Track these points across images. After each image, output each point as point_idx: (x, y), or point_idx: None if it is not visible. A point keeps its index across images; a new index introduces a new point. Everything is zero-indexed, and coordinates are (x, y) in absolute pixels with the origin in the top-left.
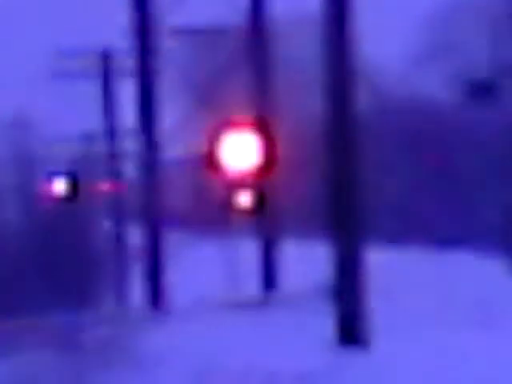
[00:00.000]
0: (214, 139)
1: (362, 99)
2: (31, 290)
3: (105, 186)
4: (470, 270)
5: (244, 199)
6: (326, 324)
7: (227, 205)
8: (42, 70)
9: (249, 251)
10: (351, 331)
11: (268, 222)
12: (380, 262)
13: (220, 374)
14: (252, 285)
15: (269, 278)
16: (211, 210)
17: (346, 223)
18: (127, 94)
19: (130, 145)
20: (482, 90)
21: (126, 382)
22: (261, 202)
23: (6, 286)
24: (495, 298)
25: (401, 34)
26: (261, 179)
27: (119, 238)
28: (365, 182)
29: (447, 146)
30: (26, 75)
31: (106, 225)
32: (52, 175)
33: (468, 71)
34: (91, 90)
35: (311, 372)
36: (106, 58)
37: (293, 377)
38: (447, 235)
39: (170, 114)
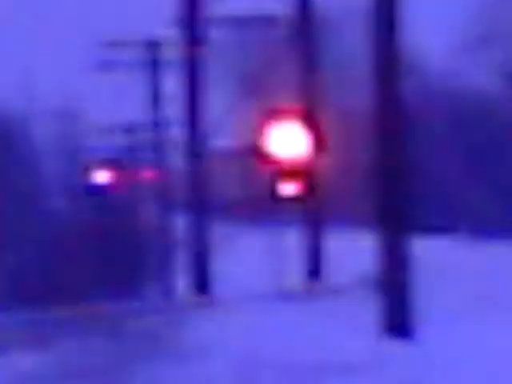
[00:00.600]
0: (262, 129)
1: (411, 88)
2: (82, 278)
3: (149, 175)
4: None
5: (292, 188)
6: (371, 315)
7: (275, 194)
8: (91, 60)
9: (295, 241)
10: (398, 322)
11: (314, 211)
12: (427, 249)
13: (265, 365)
14: (297, 274)
15: (314, 267)
16: (258, 199)
17: (396, 213)
18: (174, 83)
19: (177, 134)
20: None
21: (172, 373)
22: (309, 191)
23: (59, 274)
24: None
25: (449, 24)
26: (308, 169)
27: (165, 227)
28: (414, 170)
29: (494, 135)
30: (75, 65)
31: (153, 213)
32: (96, 164)
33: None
34: (139, 80)
35: (358, 363)
36: (152, 48)
37: (340, 367)
38: (494, 224)
39: (217, 103)
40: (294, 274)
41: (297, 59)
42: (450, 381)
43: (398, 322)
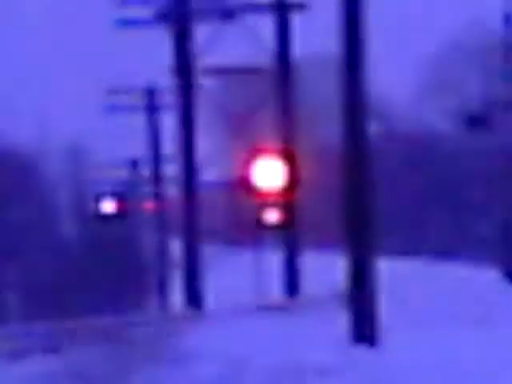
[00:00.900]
0: (246, 165)
1: (373, 128)
2: (87, 295)
3: (149, 205)
4: (469, 277)
5: (273, 216)
6: (342, 325)
7: (258, 221)
8: (95, 104)
9: (276, 261)
10: (364, 332)
11: (292, 236)
12: (390, 271)
13: (249, 369)
14: (277, 291)
15: (292, 285)
16: (243, 227)
17: (361, 236)
18: (169, 125)
19: (172, 169)
20: (477, 122)
21: (166, 375)
22: (288, 218)
23: (66, 291)
24: (493, 300)
25: (406, 71)
26: (287, 199)
27: (162, 250)
28: (376, 201)
29: (447, 169)
30: (83, 109)
31: (151, 239)
32: (102, 195)
33: (465, 105)
34: (138, 122)
35: (330, 366)
36: (150, 94)
37: (314, 371)
38: (448, 248)
39: (206, 143)
40: (275, 289)
41: (277, 105)
42: (407, 380)
43: (365, 331)
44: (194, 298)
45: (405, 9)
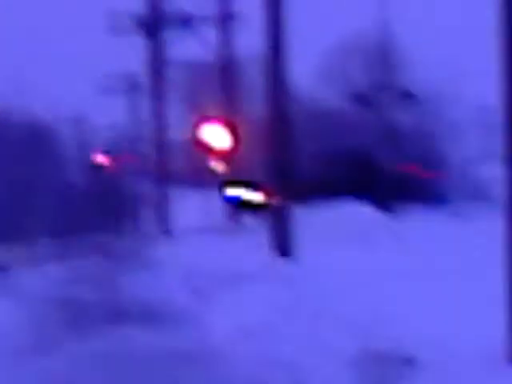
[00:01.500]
0: (201, 129)
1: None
2: (87, 223)
3: (130, 159)
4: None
5: (218, 166)
6: (267, 242)
7: (210, 169)
8: (94, 86)
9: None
10: (282, 247)
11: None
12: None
13: (201, 272)
14: (222, 217)
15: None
16: (198, 172)
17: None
18: (147, 103)
19: (148, 132)
20: (363, 101)
21: (144, 277)
22: (229, 167)
23: (74, 217)
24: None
25: (311, 57)
26: (230, 154)
27: (142, 190)
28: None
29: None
30: (83, 89)
31: (134, 182)
32: (98, 152)
33: (355, 88)
34: (126, 102)
35: (258, 271)
36: (132, 81)
37: (247, 275)
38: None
39: (173, 114)
40: (221, 217)
41: (223, 90)
42: (312, 281)
43: (283, 248)
44: (163, 223)
45: (316, 12)
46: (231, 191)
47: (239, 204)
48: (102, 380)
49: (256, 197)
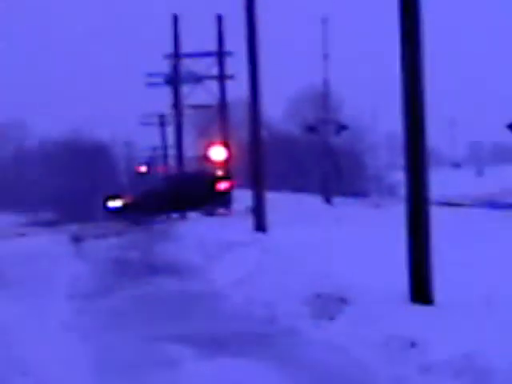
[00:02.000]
0: (207, 149)
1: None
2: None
3: (161, 168)
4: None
5: (219, 172)
6: (250, 223)
7: (216, 175)
8: (138, 121)
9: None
10: (260, 226)
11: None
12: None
13: (208, 242)
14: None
15: (227, 205)
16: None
17: (258, 182)
18: (172, 132)
19: (172, 151)
20: (312, 130)
21: (170, 246)
22: (226, 173)
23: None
24: (319, 212)
25: (279, 102)
26: (225, 165)
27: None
28: (267, 169)
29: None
30: (128, 120)
31: None
32: (140, 164)
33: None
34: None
35: (243, 241)
36: (162, 118)
37: (236, 243)
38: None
39: (188, 139)
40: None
41: (220, 124)
42: (283, 248)
43: (260, 226)
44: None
45: (282, 70)
46: (110, 203)
47: (114, 210)
48: (144, 311)
49: (119, 203)
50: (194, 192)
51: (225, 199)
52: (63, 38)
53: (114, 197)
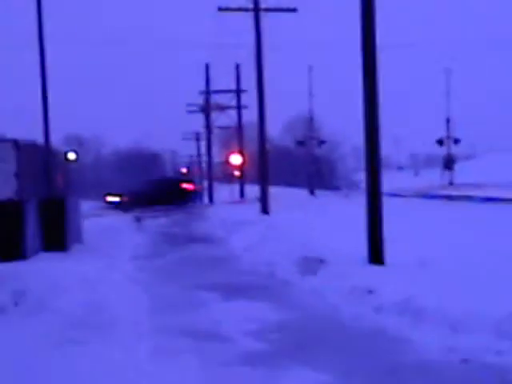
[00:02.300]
0: (228, 156)
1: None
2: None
3: (197, 171)
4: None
5: (237, 173)
6: (258, 208)
7: (232, 174)
8: (181, 137)
9: (236, 188)
10: (265, 210)
11: (242, 179)
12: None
13: (227, 221)
14: (237, 197)
15: (242, 194)
16: (228, 175)
17: (264, 179)
18: (204, 145)
19: (205, 158)
20: (301, 144)
21: (202, 223)
22: (241, 174)
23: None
24: (306, 201)
25: (279, 124)
26: (241, 167)
27: (202, 184)
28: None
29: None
30: (176, 139)
31: (199, 181)
32: (182, 167)
33: (298, 138)
34: (194, 144)
35: (251, 220)
36: (197, 134)
37: (245, 222)
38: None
39: (215, 150)
40: (237, 196)
41: (237, 139)
42: (282, 226)
43: (265, 210)
44: (211, 199)
45: (281, 99)
46: (109, 198)
47: (113, 203)
48: (183, 268)
49: (117, 198)
50: (166, 191)
51: (190, 196)
52: (131, 71)
53: (113, 194)
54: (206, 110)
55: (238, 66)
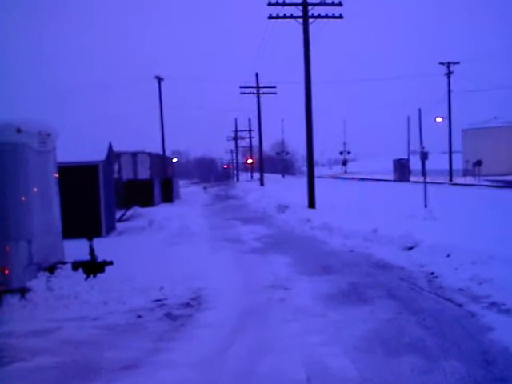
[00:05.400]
0: (247, 160)
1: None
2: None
3: (231, 166)
4: None
5: (249, 166)
6: (259, 183)
7: (248, 167)
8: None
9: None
10: (262, 184)
11: (252, 170)
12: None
13: (244, 188)
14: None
15: (262, 181)
16: (246, 168)
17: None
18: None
19: (234, 161)
20: (279, 154)
21: (233, 190)
22: (252, 167)
23: (219, 181)
24: (279, 180)
25: (268, 144)
26: (252, 165)
27: (233, 173)
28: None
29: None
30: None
31: (232, 172)
32: (225, 164)
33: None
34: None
35: (255, 188)
36: (231, 150)
37: (253, 190)
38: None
39: (240, 158)
40: (251, 179)
41: (250, 152)
42: (267, 191)
43: (262, 184)
44: (237, 179)
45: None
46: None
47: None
48: (224, 210)
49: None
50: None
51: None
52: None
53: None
54: (235, 139)
55: (249, 120)
